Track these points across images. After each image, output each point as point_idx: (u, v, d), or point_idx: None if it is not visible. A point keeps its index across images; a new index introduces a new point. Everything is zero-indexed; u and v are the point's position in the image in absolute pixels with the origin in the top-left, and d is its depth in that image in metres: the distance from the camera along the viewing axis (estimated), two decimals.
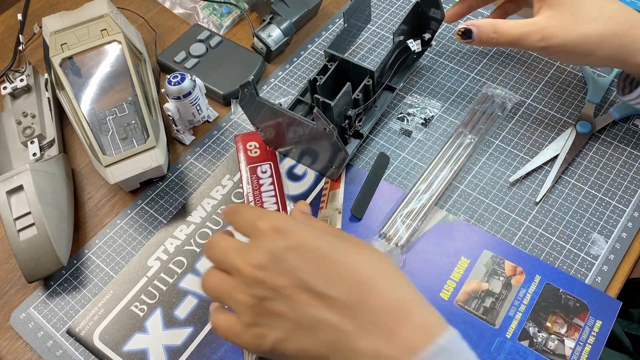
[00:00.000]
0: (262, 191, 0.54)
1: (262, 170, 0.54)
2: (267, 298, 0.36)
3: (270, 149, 0.55)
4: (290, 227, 0.37)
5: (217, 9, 0.73)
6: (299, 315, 0.35)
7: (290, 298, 0.35)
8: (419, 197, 0.55)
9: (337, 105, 0.53)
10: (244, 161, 0.53)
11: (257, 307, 0.36)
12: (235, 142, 0.53)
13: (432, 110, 0.62)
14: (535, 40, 0.51)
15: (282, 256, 0.36)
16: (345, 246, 0.38)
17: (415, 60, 0.64)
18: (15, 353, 0.51)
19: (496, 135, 0.60)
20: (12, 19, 0.77)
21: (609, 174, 0.56)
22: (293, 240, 0.37)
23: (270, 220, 0.38)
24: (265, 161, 0.55)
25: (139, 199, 0.59)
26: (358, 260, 0.37)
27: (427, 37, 0.62)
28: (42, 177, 0.54)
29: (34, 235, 0.51)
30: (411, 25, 0.62)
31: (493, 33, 0.53)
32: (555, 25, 0.50)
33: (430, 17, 0.61)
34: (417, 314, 0.35)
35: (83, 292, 0.53)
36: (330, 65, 0.58)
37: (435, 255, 0.52)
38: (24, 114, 0.61)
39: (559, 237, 0.52)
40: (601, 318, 0.48)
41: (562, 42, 0.50)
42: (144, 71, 0.63)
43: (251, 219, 0.39)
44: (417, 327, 0.34)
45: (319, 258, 0.36)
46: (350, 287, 0.35)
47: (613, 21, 0.49)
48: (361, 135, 0.58)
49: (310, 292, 0.35)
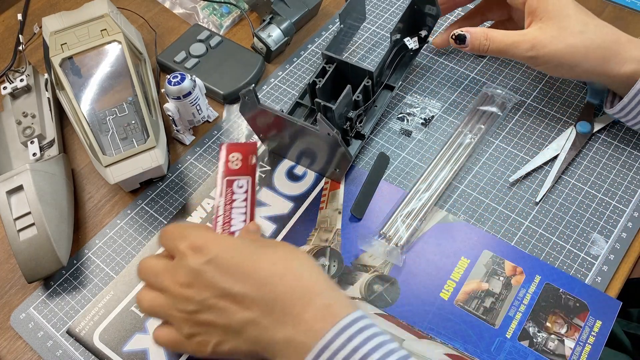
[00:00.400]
0: (234, 207, 0.53)
1: (238, 185, 0.54)
2: (197, 311, 0.40)
3: (252, 164, 0.54)
4: (205, 243, 0.41)
5: (217, 9, 0.73)
6: (226, 320, 0.40)
7: (216, 307, 0.40)
8: (419, 197, 0.55)
9: (339, 108, 0.53)
10: (222, 172, 0.53)
11: (190, 320, 0.41)
12: (219, 150, 0.53)
13: (432, 110, 0.62)
14: (525, 50, 0.54)
15: (201, 271, 0.40)
16: (257, 250, 0.42)
17: (413, 57, 0.63)
18: (15, 353, 0.51)
19: (496, 135, 0.60)
20: (12, 19, 0.77)
21: (609, 174, 0.56)
22: (208, 255, 0.41)
23: (188, 239, 0.42)
24: (244, 175, 0.54)
25: (139, 199, 0.59)
26: (267, 260, 0.41)
27: (424, 34, 0.62)
28: (42, 177, 0.54)
29: (34, 235, 0.51)
30: (407, 23, 0.62)
31: (485, 40, 0.56)
32: (544, 37, 0.53)
33: (426, 13, 0.62)
34: (320, 299, 0.39)
35: (83, 292, 0.53)
36: (329, 67, 0.58)
37: (435, 255, 0.52)
38: (24, 114, 0.61)
39: (559, 237, 0.52)
40: (601, 318, 0.48)
41: (550, 52, 0.53)
42: (144, 71, 0.63)
43: (173, 240, 0.43)
44: (320, 311, 0.39)
45: (232, 266, 0.40)
46: (262, 285, 0.39)
47: (597, 35, 0.52)
48: (363, 136, 0.58)
49: (230, 298, 0.40)
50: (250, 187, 0.54)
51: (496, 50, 0.55)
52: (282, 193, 0.57)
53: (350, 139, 0.58)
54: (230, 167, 0.53)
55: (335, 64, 0.58)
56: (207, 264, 0.40)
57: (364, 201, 0.56)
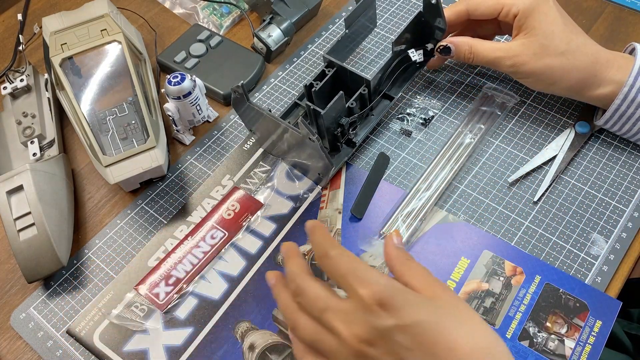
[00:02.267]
0: (191, 251, 0.54)
1: (212, 235, 0.54)
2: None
3: (240, 222, 0.55)
4: (395, 301, 0.36)
5: (217, 9, 0.73)
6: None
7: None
8: (419, 196, 0.55)
9: (328, 113, 0.53)
10: (211, 217, 0.54)
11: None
12: (230, 190, 0.54)
13: (432, 110, 0.62)
14: (506, 65, 0.56)
15: (389, 335, 0.36)
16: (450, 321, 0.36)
17: (417, 70, 0.62)
18: (15, 353, 0.51)
19: (496, 135, 0.60)
20: (12, 19, 0.77)
21: (609, 174, 0.56)
22: (402, 319, 0.36)
23: (372, 287, 0.37)
24: (226, 229, 0.55)
25: (139, 199, 0.59)
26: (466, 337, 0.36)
27: (430, 47, 0.61)
28: (42, 177, 0.54)
29: (34, 235, 0.51)
30: (414, 34, 0.60)
31: (469, 53, 0.58)
32: (525, 53, 0.54)
33: (435, 26, 0.60)
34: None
35: (83, 292, 0.53)
36: (328, 71, 0.58)
37: (435, 256, 0.52)
38: (24, 114, 0.61)
39: (559, 237, 0.53)
40: (601, 318, 0.48)
41: (529, 70, 0.55)
42: (144, 71, 0.63)
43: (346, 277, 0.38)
44: None
45: (429, 340, 0.35)
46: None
47: (577, 57, 0.53)
48: (354, 144, 0.58)
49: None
50: (220, 243, 0.54)
51: (480, 63, 0.58)
52: (282, 193, 0.57)
53: (341, 145, 0.58)
54: (222, 214, 0.54)
55: (335, 69, 0.58)
56: (400, 331, 0.35)
57: (364, 201, 0.56)
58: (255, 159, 0.60)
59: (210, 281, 0.52)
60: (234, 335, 0.50)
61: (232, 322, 0.50)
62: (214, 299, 0.51)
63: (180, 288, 0.52)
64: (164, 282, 0.52)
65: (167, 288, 0.52)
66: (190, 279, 0.52)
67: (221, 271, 0.53)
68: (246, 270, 0.53)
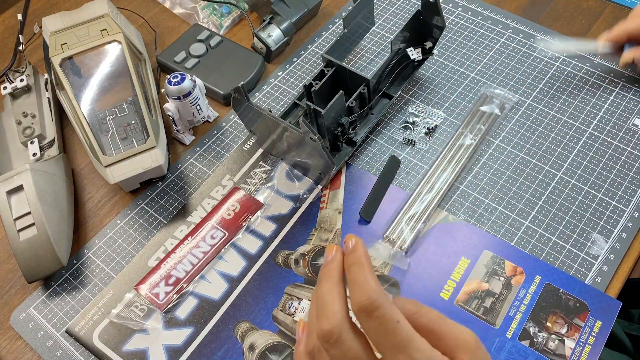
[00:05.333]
0: (191, 251, 0.54)
1: (212, 235, 0.54)
2: None
3: (240, 222, 0.55)
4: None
5: (217, 9, 0.73)
6: None
7: None
8: (422, 199, 0.55)
9: (329, 112, 0.53)
10: (211, 217, 0.54)
11: None
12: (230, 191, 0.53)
13: (435, 118, 0.62)
14: None
15: None
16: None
17: (416, 68, 0.62)
18: (15, 353, 0.51)
19: (496, 135, 0.60)
20: (12, 19, 0.77)
21: (609, 174, 0.56)
22: None
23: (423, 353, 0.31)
24: (226, 229, 0.55)
25: (139, 199, 0.59)
26: None
27: (429, 46, 0.61)
28: (42, 177, 0.54)
29: (34, 235, 0.51)
30: (412, 33, 0.61)
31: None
32: None
33: (433, 25, 0.60)
34: None
35: (83, 292, 0.53)
36: (328, 70, 0.58)
37: (435, 256, 0.52)
38: (24, 114, 0.61)
39: (559, 237, 0.52)
40: (601, 318, 0.48)
41: None
42: (144, 71, 0.63)
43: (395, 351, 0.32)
44: None
45: None
46: None
47: None
48: (354, 143, 0.58)
49: None
50: (220, 243, 0.54)
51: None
52: (282, 193, 0.57)
53: (341, 145, 0.58)
54: (222, 214, 0.54)
55: (334, 68, 0.58)
56: None
57: (374, 204, 0.55)
58: (255, 159, 0.60)
59: (211, 281, 0.52)
60: (234, 335, 0.50)
61: (232, 322, 0.50)
62: (214, 299, 0.51)
63: (180, 288, 0.52)
64: (164, 282, 0.52)
65: (167, 288, 0.52)
66: (190, 279, 0.52)
67: (221, 271, 0.53)
68: (246, 271, 0.53)
